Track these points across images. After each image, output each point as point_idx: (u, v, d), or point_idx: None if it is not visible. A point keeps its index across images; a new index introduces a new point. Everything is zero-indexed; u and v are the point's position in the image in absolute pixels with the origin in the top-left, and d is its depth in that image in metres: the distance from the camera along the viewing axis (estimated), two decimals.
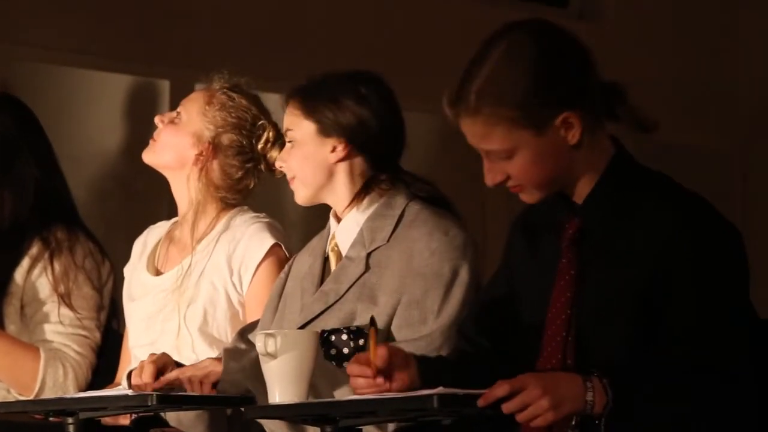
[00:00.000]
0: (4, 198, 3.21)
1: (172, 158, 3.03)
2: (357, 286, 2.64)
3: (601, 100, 2.32)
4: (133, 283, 3.11)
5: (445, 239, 2.62)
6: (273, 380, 2.42)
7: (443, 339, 2.56)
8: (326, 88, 2.71)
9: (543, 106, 2.27)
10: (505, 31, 2.31)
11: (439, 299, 2.59)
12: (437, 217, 2.66)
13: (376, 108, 2.70)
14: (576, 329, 2.32)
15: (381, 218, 2.68)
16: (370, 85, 2.72)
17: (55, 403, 2.56)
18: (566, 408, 2.18)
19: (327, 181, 2.72)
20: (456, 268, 2.61)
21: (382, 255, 2.65)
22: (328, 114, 2.70)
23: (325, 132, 2.71)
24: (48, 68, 4.85)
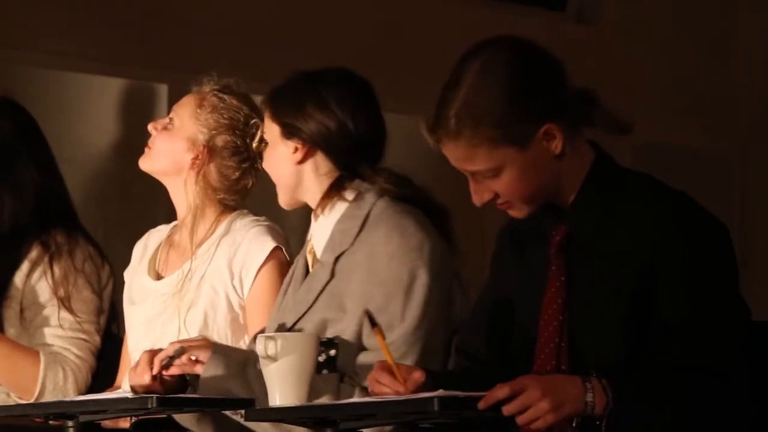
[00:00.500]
0: (3, 202, 3.21)
1: (168, 164, 3.03)
2: (325, 295, 2.65)
3: (576, 107, 2.33)
4: (133, 287, 3.10)
5: (401, 241, 2.61)
6: (273, 383, 2.42)
7: (407, 345, 2.57)
8: (290, 90, 2.75)
9: (523, 122, 2.29)
10: (476, 52, 2.32)
11: (401, 305, 2.59)
12: (398, 216, 2.65)
13: (338, 109, 2.71)
14: (568, 335, 2.33)
15: (349, 220, 2.69)
16: (339, 85, 2.74)
17: (55, 406, 2.57)
18: (566, 409, 2.18)
19: (296, 181, 2.75)
20: (414, 271, 2.60)
21: (348, 259, 2.66)
22: (289, 116, 2.73)
23: (287, 134, 2.74)
24: (46, 72, 4.85)
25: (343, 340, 2.59)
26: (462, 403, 2.19)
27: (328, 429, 2.33)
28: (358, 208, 2.69)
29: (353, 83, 2.76)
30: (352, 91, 2.74)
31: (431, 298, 2.59)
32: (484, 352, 2.48)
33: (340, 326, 2.60)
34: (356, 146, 2.71)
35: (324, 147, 2.72)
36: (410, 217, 2.65)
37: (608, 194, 2.36)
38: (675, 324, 2.28)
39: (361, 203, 2.69)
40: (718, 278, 2.30)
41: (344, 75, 2.77)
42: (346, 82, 2.75)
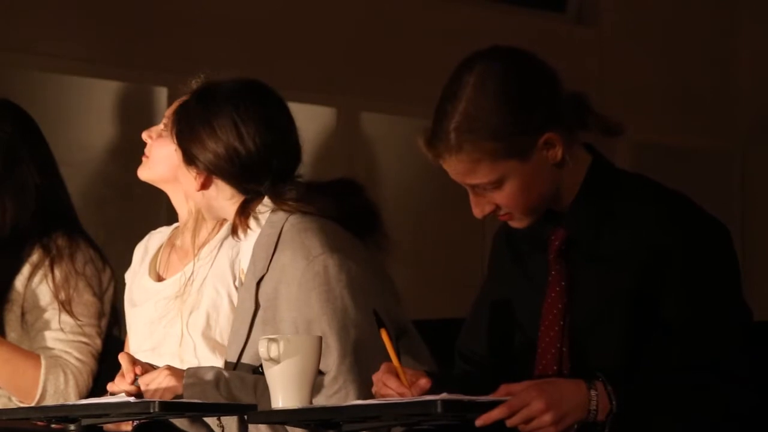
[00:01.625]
0: (4, 205, 3.21)
1: (168, 171, 3.01)
2: (258, 325, 2.65)
3: (571, 112, 2.33)
4: (134, 289, 3.10)
5: (305, 266, 2.59)
6: (276, 385, 2.41)
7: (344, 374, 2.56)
8: (186, 115, 2.74)
9: (523, 133, 2.28)
10: (471, 64, 2.31)
11: (322, 331, 2.57)
12: (303, 235, 2.62)
13: (224, 133, 2.68)
14: (570, 339, 2.32)
15: (265, 239, 2.67)
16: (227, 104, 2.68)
17: (57, 409, 2.56)
18: (569, 420, 2.19)
19: (207, 205, 2.77)
20: (321, 296, 2.58)
21: (269, 286, 2.65)
22: (185, 143, 2.74)
23: (186, 161, 2.76)
24: (45, 75, 4.85)
25: None
26: (465, 406, 2.19)
27: (330, 431, 2.32)
28: (272, 226, 2.67)
29: (244, 97, 2.70)
30: (240, 108, 2.68)
31: (347, 319, 2.58)
32: (484, 356, 2.48)
33: None
34: (251, 167, 2.68)
35: (219, 174, 2.70)
36: (315, 237, 2.62)
37: (606, 197, 2.35)
38: (677, 325, 2.28)
39: (274, 221, 2.67)
40: (719, 279, 2.30)
41: (234, 88, 2.71)
42: (235, 98, 2.69)
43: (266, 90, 2.74)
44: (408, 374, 2.35)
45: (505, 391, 2.21)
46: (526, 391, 2.19)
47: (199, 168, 2.72)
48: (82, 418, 2.48)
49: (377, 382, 2.36)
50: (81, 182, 3.79)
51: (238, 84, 2.73)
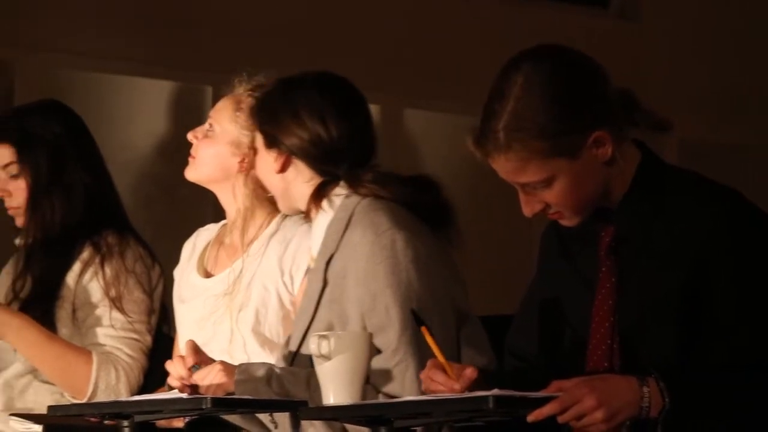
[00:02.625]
0: (54, 204, 3.25)
1: (215, 171, 3.03)
2: (324, 303, 2.68)
3: (619, 109, 2.33)
4: (182, 285, 3.12)
5: (373, 240, 2.63)
6: (327, 381, 2.43)
7: (405, 345, 2.57)
8: (269, 101, 2.80)
9: (573, 132, 2.28)
10: (519, 63, 2.31)
11: (385, 305, 2.59)
12: (373, 214, 2.67)
13: (310, 118, 2.74)
14: (620, 336, 2.32)
15: (336, 222, 2.72)
16: (312, 92, 2.76)
17: (110, 406, 2.58)
18: (621, 417, 2.19)
19: (283, 189, 2.81)
20: (388, 269, 2.61)
21: (338, 264, 2.68)
22: (267, 126, 2.79)
23: (267, 143, 2.81)
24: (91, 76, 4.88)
25: None
26: (517, 402, 2.20)
27: (382, 428, 2.33)
28: (344, 209, 2.71)
29: (326, 87, 2.78)
30: (324, 97, 2.76)
31: (411, 292, 2.60)
32: (534, 352, 2.48)
33: None
34: (332, 152, 2.75)
35: (300, 156, 2.76)
36: (384, 215, 2.66)
37: (657, 193, 2.35)
38: (727, 323, 2.27)
39: (347, 205, 2.71)
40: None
41: (319, 81, 2.79)
42: (320, 89, 2.78)
43: (346, 81, 2.81)
44: (455, 368, 2.36)
45: (556, 387, 2.21)
46: (578, 388, 2.19)
47: (281, 150, 2.78)
48: (135, 414, 2.50)
49: (425, 379, 2.37)
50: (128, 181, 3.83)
51: (321, 75, 2.81)
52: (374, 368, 2.58)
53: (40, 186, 3.24)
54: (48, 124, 3.27)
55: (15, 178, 3.27)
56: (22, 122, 3.27)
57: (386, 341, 2.59)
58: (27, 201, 3.26)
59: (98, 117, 3.50)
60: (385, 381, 2.56)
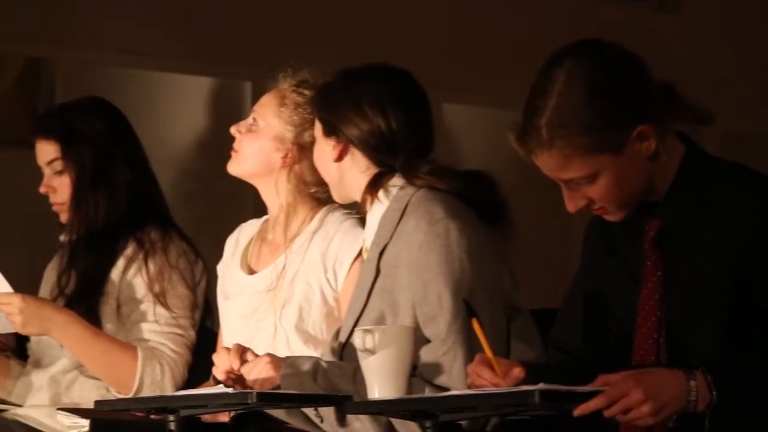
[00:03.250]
0: (98, 200, 3.27)
1: (258, 166, 3.03)
2: (375, 293, 2.68)
3: (662, 103, 2.32)
4: (226, 281, 3.13)
5: (428, 229, 2.63)
6: (372, 376, 2.43)
7: (454, 335, 2.57)
8: (330, 90, 2.80)
9: (616, 127, 2.27)
10: (560, 59, 2.30)
11: (437, 293, 2.59)
12: (427, 204, 2.67)
13: (371, 109, 2.74)
14: (667, 329, 2.31)
15: (391, 213, 2.71)
16: (373, 84, 2.76)
17: (156, 401, 2.60)
18: (668, 411, 2.18)
19: (339, 178, 2.80)
20: (441, 257, 2.60)
21: (391, 253, 2.68)
22: (327, 114, 2.79)
23: (326, 131, 2.80)
24: (131, 72, 4.90)
25: None
26: (563, 396, 2.19)
27: (427, 421, 2.33)
28: (399, 201, 2.71)
29: (389, 80, 2.78)
30: (386, 88, 2.76)
31: (463, 282, 2.60)
32: (579, 346, 2.47)
33: (396, 322, 2.62)
34: (390, 144, 2.74)
35: (358, 146, 2.76)
36: (439, 204, 2.66)
37: (701, 186, 2.34)
38: None
39: (401, 196, 2.71)
40: None
41: (381, 72, 2.80)
42: (381, 80, 2.78)
43: (408, 73, 2.82)
44: (502, 364, 2.35)
45: (602, 381, 2.21)
46: (625, 382, 2.18)
47: (340, 139, 2.78)
48: (180, 408, 2.52)
49: (471, 373, 2.37)
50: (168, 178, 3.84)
51: (383, 66, 2.82)
52: (422, 358, 2.58)
53: (84, 182, 3.26)
54: (92, 121, 3.29)
55: (59, 175, 3.30)
56: (67, 119, 3.29)
57: (436, 331, 2.58)
58: (71, 197, 3.28)
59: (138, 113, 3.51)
60: (433, 371, 2.56)
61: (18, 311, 3.09)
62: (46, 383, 3.21)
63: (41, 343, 3.29)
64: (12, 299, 3.09)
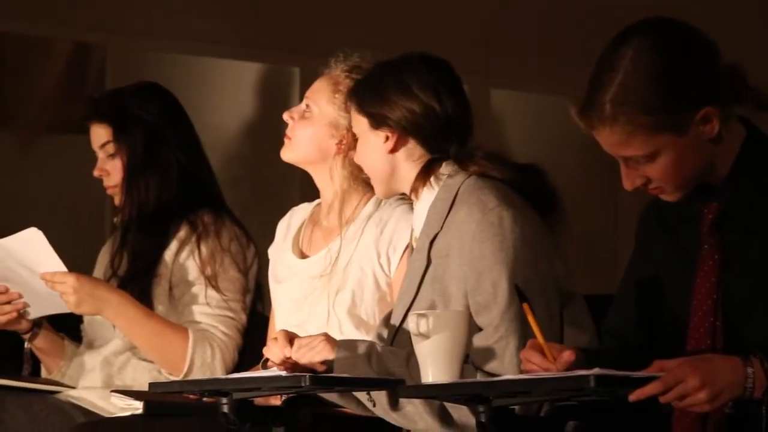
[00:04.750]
0: (150, 183, 3.28)
1: (313, 152, 3.02)
2: (426, 282, 2.66)
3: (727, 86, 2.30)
4: (278, 265, 3.13)
5: (481, 218, 2.61)
6: (426, 360, 2.43)
7: (507, 322, 2.56)
8: (372, 82, 2.77)
9: (681, 108, 2.26)
10: (629, 36, 2.29)
11: (491, 282, 2.57)
12: (479, 192, 2.65)
13: (421, 92, 2.71)
14: (723, 314, 2.29)
15: (440, 202, 2.69)
16: (418, 68, 2.74)
17: (210, 383, 2.61)
18: (724, 398, 2.16)
19: (390, 171, 2.76)
20: (495, 246, 2.59)
21: (441, 243, 2.66)
22: (374, 106, 2.74)
23: (375, 124, 2.75)
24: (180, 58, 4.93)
25: None
26: (618, 381, 2.18)
27: (480, 406, 2.33)
28: (448, 189, 2.70)
29: (432, 65, 2.76)
30: (433, 73, 2.74)
31: (518, 271, 2.59)
32: (633, 332, 2.46)
33: None
34: (444, 127, 2.72)
35: (413, 132, 2.73)
36: (491, 192, 2.65)
37: (762, 170, 2.32)
38: None
39: (450, 184, 2.70)
40: None
41: (422, 59, 2.77)
42: (425, 66, 2.75)
43: (446, 61, 2.80)
44: (554, 349, 2.35)
45: (658, 367, 2.20)
46: (681, 368, 2.17)
47: (391, 128, 2.75)
48: (233, 391, 2.53)
49: (522, 358, 2.37)
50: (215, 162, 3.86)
51: (424, 54, 2.79)
52: (475, 346, 2.58)
53: (135, 165, 3.28)
54: (145, 105, 3.31)
55: (112, 158, 3.32)
56: (119, 102, 3.32)
57: (489, 319, 2.58)
58: (123, 180, 3.30)
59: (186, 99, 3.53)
60: (485, 358, 2.56)
61: (72, 291, 3.11)
62: (98, 365, 3.24)
63: (94, 324, 3.32)
64: (67, 278, 3.12)
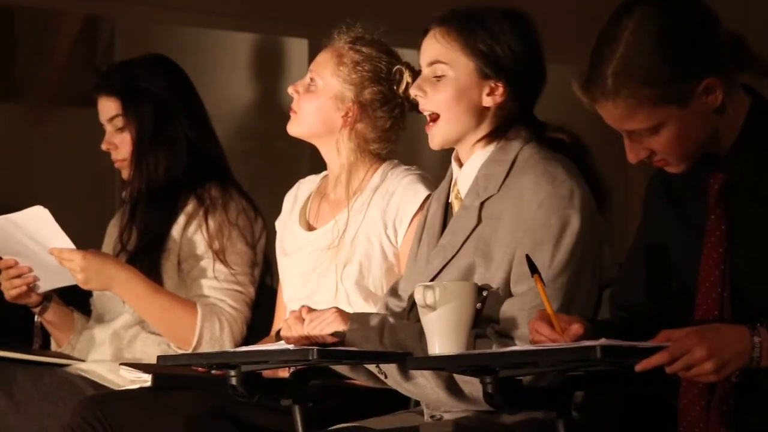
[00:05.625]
0: (158, 157, 3.28)
1: (319, 126, 3.00)
2: (472, 240, 2.60)
3: (730, 55, 2.28)
4: (285, 237, 3.13)
5: (550, 189, 2.55)
6: (432, 332, 2.43)
7: (551, 291, 2.50)
8: (484, 23, 2.61)
9: (683, 80, 2.24)
10: (630, 7, 2.27)
11: (550, 253, 2.53)
12: (545, 162, 2.59)
13: (530, 48, 2.62)
14: (731, 284, 2.29)
15: (495, 164, 2.62)
16: (523, 22, 2.64)
17: (218, 356, 2.62)
18: (730, 368, 2.16)
19: (476, 124, 2.63)
20: (564, 219, 2.54)
21: (495, 206, 2.60)
22: (489, 52, 2.60)
23: (485, 72, 2.61)
24: (188, 30, 4.92)
25: (490, 289, 2.57)
26: (625, 351, 2.18)
27: (487, 377, 2.33)
28: (504, 152, 2.62)
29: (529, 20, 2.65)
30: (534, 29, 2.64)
31: (580, 246, 2.55)
32: (640, 302, 2.46)
33: (487, 274, 2.58)
34: (537, 88, 2.65)
35: (521, 90, 2.61)
36: (559, 165, 2.59)
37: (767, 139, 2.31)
38: None
39: (507, 147, 2.63)
40: None
41: (521, 11, 2.65)
42: (526, 19, 2.64)
43: None
44: (562, 321, 2.34)
45: (665, 337, 2.19)
46: (687, 338, 2.17)
47: (508, 80, 2.60)
48: (242, 364, 2.53)
49: (531, 329, 2.37)
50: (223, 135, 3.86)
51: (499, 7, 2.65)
52: (508, 313, 2.53)
53: (144, 139, 3.28)
54: (153, 78, 3.30)
55: (121, 131, 3.32)
56: (128, 75, 3.31)
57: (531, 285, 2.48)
58: (132, 153, 3.30)
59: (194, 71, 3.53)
60: (517, 324, 2.51)
61: (79, 269, 3.12)
62: (108, 338, 3.25)
63: (104, 299, 3.32)
64: (74, 256, 3.12)
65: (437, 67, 2.63)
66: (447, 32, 2.63)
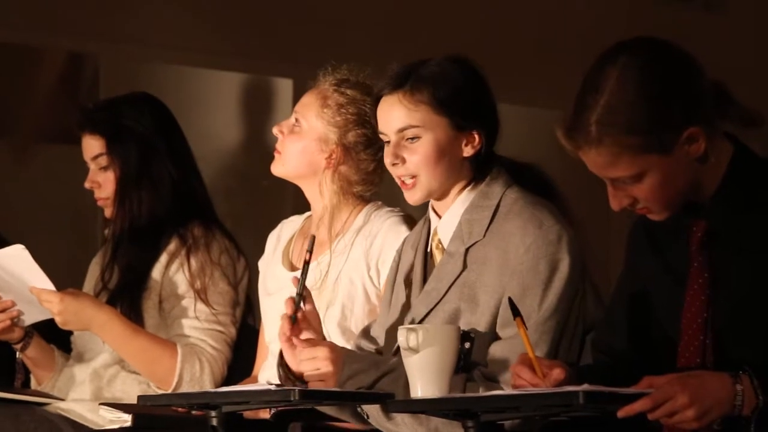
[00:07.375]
0: (142, 196, 3.27)
1: (303, 167, 3.01)
2: (457, 286, 2.61)
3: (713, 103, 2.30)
4: (268, 277, 3.13)
5: (538, 233, 2.56)
6: (415, 374, 2.43)
7: (539, 334, 2.52)
8: (441, 77, 2.61)
9: (666, 128, 2.25)
10: (614, 55, 2.28)
11: (538, 297, 2.54)
12: (532, 207, 2.60)
13: (484, 89, 2.65)
14: (713, 332, 2.29)
15: (478, 210, 2.63)
16: (468, 65, 2.66)
17: (199, 396, 2.61)
18: (713, 416, 2.16)
19: (457, 176, 2.65)
20: (553, 264, 2.55)
21: (480, 251, 2.61)
22: (457, 104, 2.60)
23: (459, 125, 2.62)
24: (173, 68, 4.93)
25: (477, 332, 2.57)
26: (607, 397, 2.18)
27: (469, 421, 2.33)
28: (486, 197, 2.64)
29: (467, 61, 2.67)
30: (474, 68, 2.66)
31: (568, 290, 2.56)
32: (623, 348, 2.46)
33: (473, 318, 2.58)
34: (498, 124, 2.67)
35: (490, 131, 2.64)
36: (545, 209, 2.60)
37: (750, 187, 2.32)
38: None
39: (488, 191, 2.64)
40: None
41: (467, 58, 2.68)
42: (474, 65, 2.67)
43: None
44: (543, 365, 2.34)
45: (647, 383, 2.19)
46: (670, 385, 2.17)
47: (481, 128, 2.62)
48: (222, 404, 2.52)
49: (512, 373, 2.36)
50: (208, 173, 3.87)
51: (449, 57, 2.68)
52: (496, 356, 2.54)
53: (128, 178, 3.27)
54: (138, 117, 3.30)
55: (104, 170, 3.31)
56: (112, 114, 3.30)
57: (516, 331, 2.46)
58: (115, 192, 3.29)
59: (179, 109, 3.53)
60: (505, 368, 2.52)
61: (57, 312, 3.11)
62: (88, 377, 3.23)
63: (84, 336, 3.31)
64: (52, 298, 3.11)
65: (408, 132, 2.64)
66: (409, 95, 2.62)
